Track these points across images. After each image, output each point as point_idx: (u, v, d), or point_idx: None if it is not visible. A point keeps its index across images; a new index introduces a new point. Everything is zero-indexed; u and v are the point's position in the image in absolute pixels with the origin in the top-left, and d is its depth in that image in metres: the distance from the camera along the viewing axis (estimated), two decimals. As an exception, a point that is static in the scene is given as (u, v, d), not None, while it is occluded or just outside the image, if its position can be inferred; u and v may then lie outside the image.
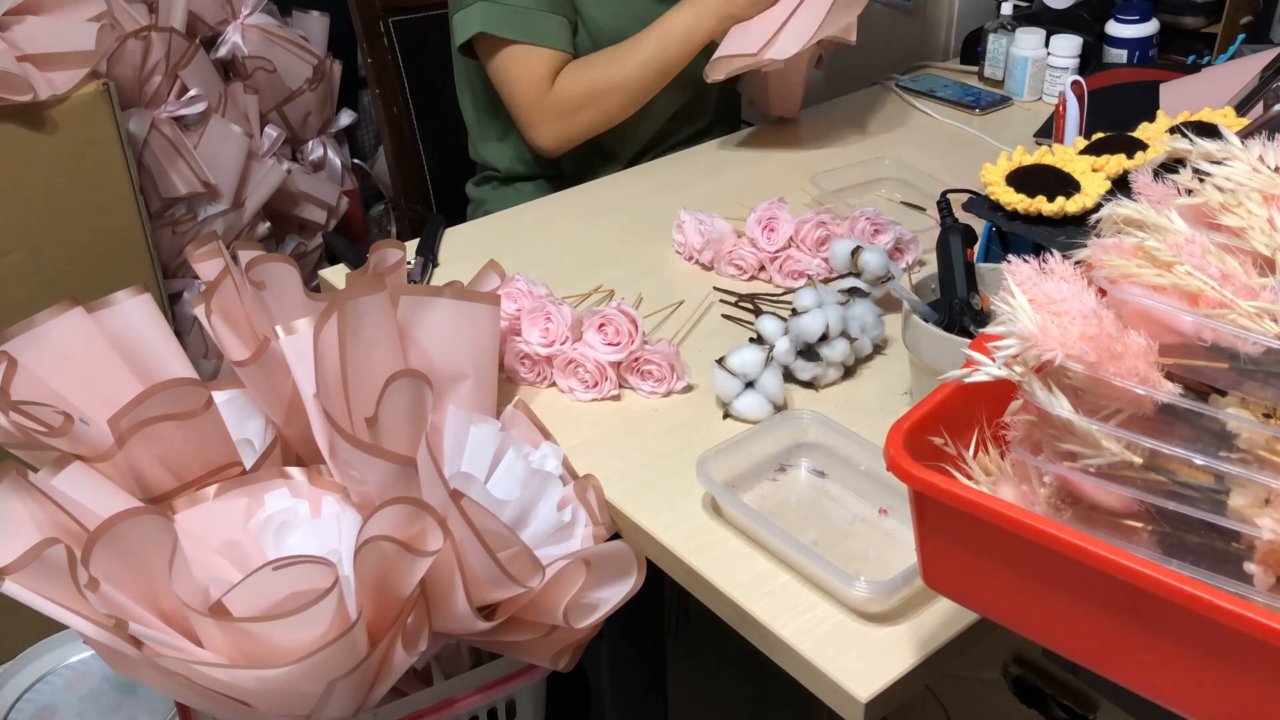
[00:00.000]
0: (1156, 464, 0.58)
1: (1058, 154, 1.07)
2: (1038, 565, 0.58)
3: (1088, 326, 0.58)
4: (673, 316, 1.15)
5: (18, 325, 0.90)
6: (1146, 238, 0.63)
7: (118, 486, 0.85)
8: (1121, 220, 0.66)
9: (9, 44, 1.49)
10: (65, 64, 1.53)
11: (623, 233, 1.33)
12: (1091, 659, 0.60)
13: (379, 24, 1.64)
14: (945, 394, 0.66)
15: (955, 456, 0.65)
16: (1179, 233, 0.63)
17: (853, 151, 1.51)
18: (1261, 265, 0.62)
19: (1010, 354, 0.59)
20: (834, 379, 1.02)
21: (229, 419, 0.90)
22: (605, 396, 1.02)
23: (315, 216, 2.07)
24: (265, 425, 0.95)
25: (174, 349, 0.96)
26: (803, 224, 1.17)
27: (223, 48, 1.93)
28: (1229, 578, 0.55)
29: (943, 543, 0.65)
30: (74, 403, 0.89)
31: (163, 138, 1.76)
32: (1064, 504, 0.61)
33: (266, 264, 0.91)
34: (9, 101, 1.48)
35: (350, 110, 2.17)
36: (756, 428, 0.94)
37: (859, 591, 0.77)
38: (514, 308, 1.05)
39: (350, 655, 0.75)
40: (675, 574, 0.87)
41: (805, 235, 1.17)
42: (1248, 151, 0.65)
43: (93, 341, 0.92)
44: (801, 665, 0.77)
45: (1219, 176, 0.65)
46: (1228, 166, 0.65)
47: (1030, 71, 1.66)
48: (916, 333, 0.93)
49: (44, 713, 1.21)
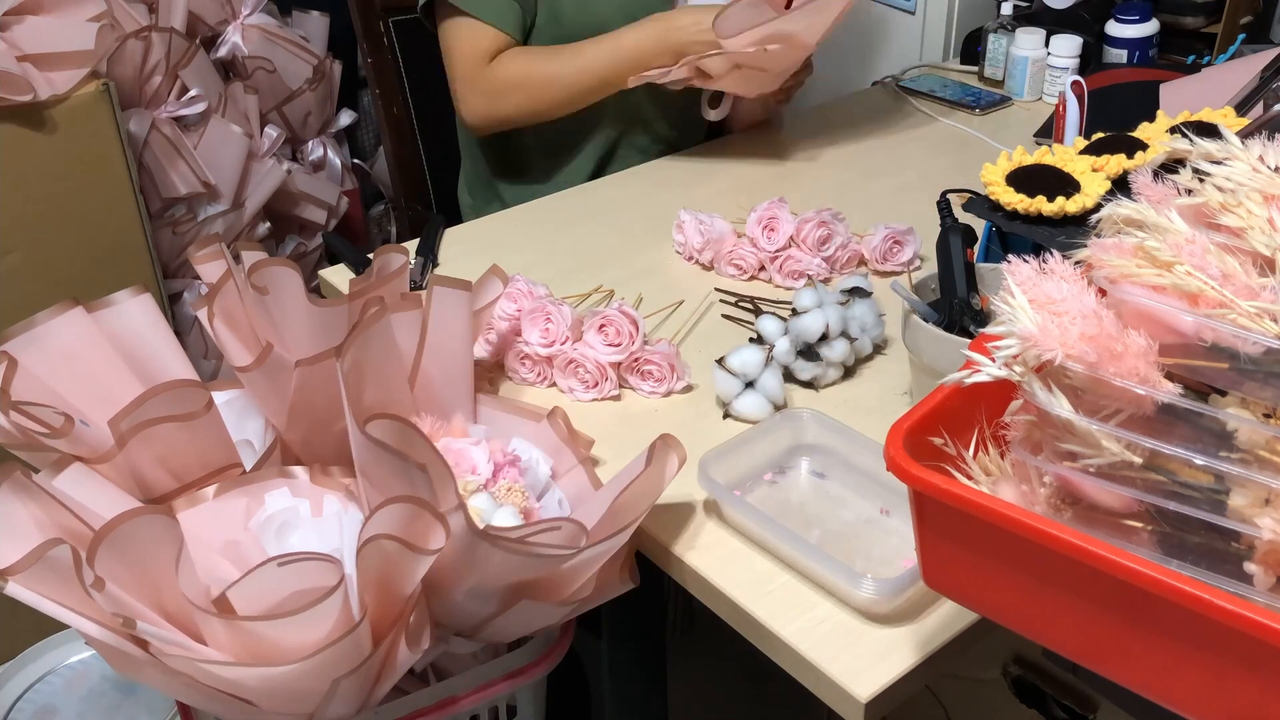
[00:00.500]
0: (1156, 464, 0.58)
1: (1057, 154, 1.07)
2: (1038, 565, 0.58)
3: (1088, 326, 0.58)
4: (673, 316, 1.15)
5: (17, 325, 0.90)
6: (1146, 237, 0.63)
7: (118, 487, 0.85)
8: (1122, 220, 0.66)
9: (9, 44, 1.49)
10: (65, 64, 1.53)
11: (623, 233, 1.33)
12: (1091, 659, 0.60)
13: (379, 24, 1.64)
14: (945, 394, 0.66)
15: (955, 456, 0.65)
16: (1179, 233, 0.63)
17: (853, 152, 1.51)
18: (1262, 265, 0.62)
19: (1010, 354, 0.59)
20: (834, 379, 1.02)
21: (229, 420, 0.90)
22: (605, 396, 1.02)
23: (315, 216, 2.07)
24: (265, 426, 0.95)
25: (174, 349, 0.96)
26: (803, 224, 1.17)
27: (223, 48, 1.93)
28: (1229, 578, 0.55)
29: (943, 543, 0.65)
30: (74, 403, 0.89)
31: (163, 138, 1.76)
32: (1064, 504, 0.62)
33: (269, 268, 0.91)
34: (9, 101, 1.48)
35: (350, 110, 2.17)
36: (756, 428, 0.94)
37: (865, 591, 0.77)
38: (514, 308, 1.05)
39: (355, 653, 0.75)
40: (675, 574, 0.87)
41: (806, 235, 1.17)
42: (1248, 151, 0.66)
43: (93, 341, 0.92)
44: (801, 665, 0.77)
45: (1219, 176, 0.65)
46: (1228, 166, 0.65)
47: (1030, 71, 1.66)
48: (916, 333, 0.93)
49: (44, 713, 1.20)
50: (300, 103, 2.02)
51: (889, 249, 1.20)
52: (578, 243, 1.31)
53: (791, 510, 0.90)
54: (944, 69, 1.83)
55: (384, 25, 1.64)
